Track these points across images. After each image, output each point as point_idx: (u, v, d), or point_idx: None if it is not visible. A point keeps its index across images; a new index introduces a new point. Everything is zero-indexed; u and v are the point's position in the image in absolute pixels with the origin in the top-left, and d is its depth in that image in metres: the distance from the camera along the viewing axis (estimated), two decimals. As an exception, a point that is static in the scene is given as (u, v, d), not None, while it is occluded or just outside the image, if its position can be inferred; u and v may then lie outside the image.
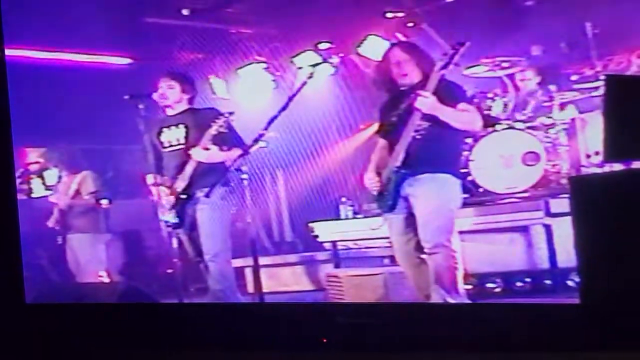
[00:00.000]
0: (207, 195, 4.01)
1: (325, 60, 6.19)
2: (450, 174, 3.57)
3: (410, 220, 3.60)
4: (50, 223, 5.46)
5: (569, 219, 2.57)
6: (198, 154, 4.04)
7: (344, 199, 5.74)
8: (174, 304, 4.30)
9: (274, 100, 6.48)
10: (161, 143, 4.25)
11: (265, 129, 3.95)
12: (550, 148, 4.95)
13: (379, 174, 3.67)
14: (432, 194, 3.53)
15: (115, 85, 5.25)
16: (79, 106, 5.45)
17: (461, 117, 3.52)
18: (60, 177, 5.57)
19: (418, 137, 3.52)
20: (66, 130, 5.49)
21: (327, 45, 6.38)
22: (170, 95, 4.23)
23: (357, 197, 5.70)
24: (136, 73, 5.92)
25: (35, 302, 4.24)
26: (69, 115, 5.40)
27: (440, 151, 3.55)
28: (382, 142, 3.78)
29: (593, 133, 4.94)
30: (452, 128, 3.53)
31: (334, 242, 5.32)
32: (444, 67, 3.49)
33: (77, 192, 5.46)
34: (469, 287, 4.03)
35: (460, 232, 3.71)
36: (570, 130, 5.12)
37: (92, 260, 5.36)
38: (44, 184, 5.80)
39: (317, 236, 5.40)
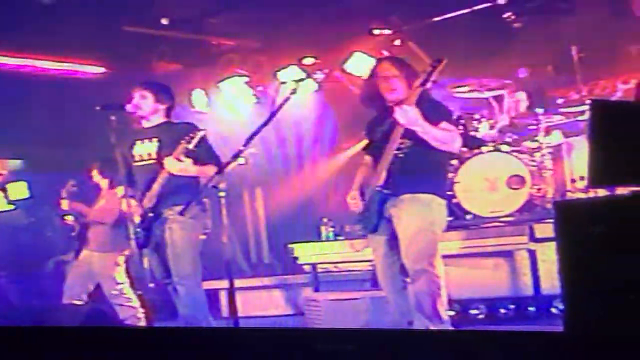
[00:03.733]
0: (180, 213, 3.81)
1: (309, 76, 6.07)
2: (433, 194, 3.45)
3: (394, 243, 3.46)
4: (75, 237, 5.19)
5: (553, 244, 2.47)
6: (170, 165, 3.82)
7: (325, 220, 5.58)
8: (141, 328, 4.09)
9: (255, 115, 6.36)
10: (132, 156, 4.03)
11: (245, 145, 3.78)
12: (535, 172, 4.87)
13: (362, 192, 3.55)
14: (414, 216, 3.41)
15: (88, 94, 5.07)
16: (49, 114, 5.26)
17: (440, 135, 3.41)
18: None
19: (401, 155, 3.41)
20: (33, 138, 5.29)
21: (312, 60, 6.28)
22: (143, 105, 4.00)
23: (339, 218, 5.55)
24: (110, 83, 5.74)
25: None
26: (40, 123, 5.21)
27: (422, 171, 3.44)
28: (367, 159, 3.66)
29: (578, 158, 4.88)
30: (434, 147, 3.44)
31: (313, 265, 5.15)
32: (423, 83, 3.41)
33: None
34: (452, 313, 3.91)
35: (444, 257, 3.59)
36: (556, 154, 5.06)
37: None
38: (5, 197, 5.54)
39: (296, 258, 5.23)
